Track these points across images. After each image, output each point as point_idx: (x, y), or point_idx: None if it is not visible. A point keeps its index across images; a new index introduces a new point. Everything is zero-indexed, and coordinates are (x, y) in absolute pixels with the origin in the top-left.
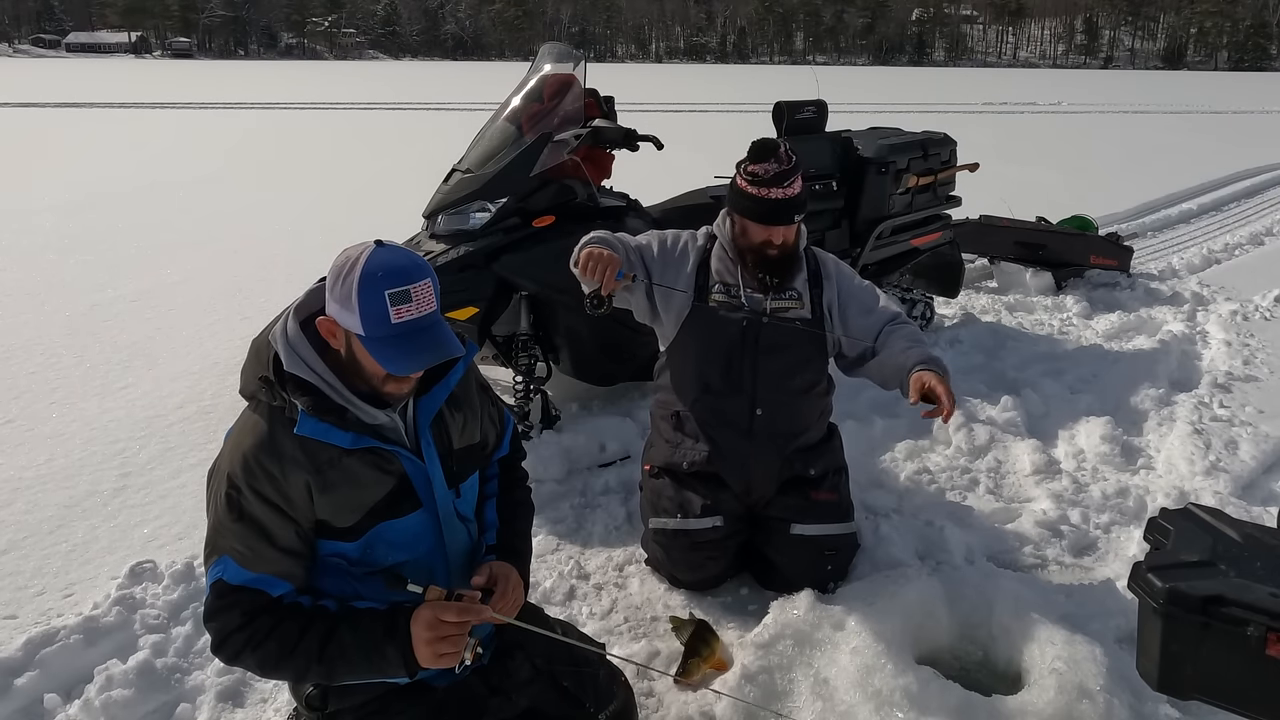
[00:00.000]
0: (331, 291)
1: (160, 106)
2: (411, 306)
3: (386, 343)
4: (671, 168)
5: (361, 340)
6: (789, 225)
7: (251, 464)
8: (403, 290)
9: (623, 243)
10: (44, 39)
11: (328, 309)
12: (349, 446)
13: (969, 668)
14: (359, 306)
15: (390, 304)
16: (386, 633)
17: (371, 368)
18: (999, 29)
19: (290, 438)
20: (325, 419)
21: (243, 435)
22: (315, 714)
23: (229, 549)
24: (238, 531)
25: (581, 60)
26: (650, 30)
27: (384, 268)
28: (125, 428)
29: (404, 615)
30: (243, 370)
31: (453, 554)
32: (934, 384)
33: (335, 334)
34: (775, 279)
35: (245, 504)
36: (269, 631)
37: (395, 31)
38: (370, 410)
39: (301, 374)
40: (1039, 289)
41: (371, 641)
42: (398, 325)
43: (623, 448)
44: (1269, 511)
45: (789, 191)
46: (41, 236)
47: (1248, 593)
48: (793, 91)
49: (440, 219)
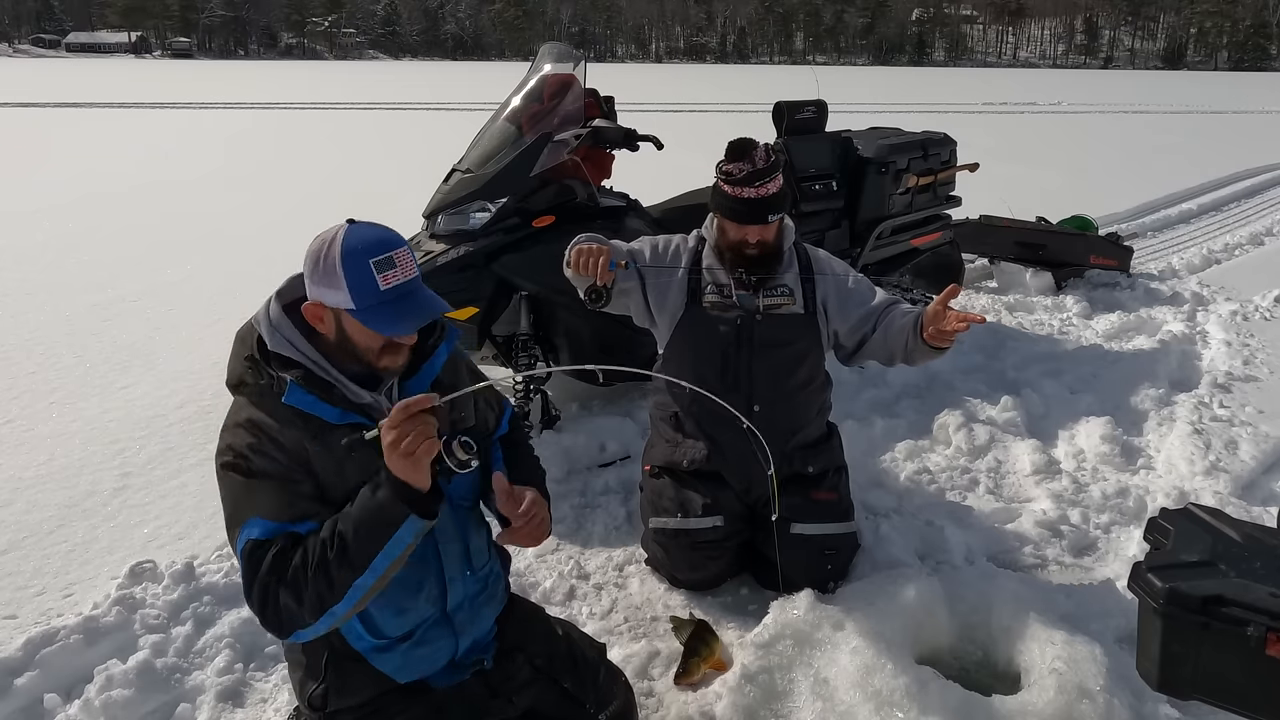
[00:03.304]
0: (313, 276)
1: (160, 106)
2: (397, 272)
3: (379, 310)
4: (671, 168)
5: (353, 314)
6: (763, 225)
7: (248, 430)
8: (386, 258)
9: (615, 245)
10: (44, 39)
11: (311, 294)
12: (336, 421)
13: (969, 668)
14: (346, 280)
15: (376, 272)
16: (373, 489)
17: (366, 341)
18: (999, 29)
19: (281, 407)
20: (312, 391)
21: (235, 414)
22: (317, 714)
23: (250, 511)
24: (253, 490)
25: (581, 60)
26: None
27: (362, 241)
28: (125, 428)
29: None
30: (229, 362)
31: (443, 539)
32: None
33: (322, 318)
34: (753, 277)
35: (252, 464)
36: (294, 559)
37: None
38: (357, 390)
39: (286, 353)
40: (1039, 289)
41: (365, 504)
42: (387, 291)
43: (623, 448)
44: (1269, 511)
45: (762, 191)
46: (41, 236)
47: (1248, 593)
48: (793, 91)
49: (440, 219)
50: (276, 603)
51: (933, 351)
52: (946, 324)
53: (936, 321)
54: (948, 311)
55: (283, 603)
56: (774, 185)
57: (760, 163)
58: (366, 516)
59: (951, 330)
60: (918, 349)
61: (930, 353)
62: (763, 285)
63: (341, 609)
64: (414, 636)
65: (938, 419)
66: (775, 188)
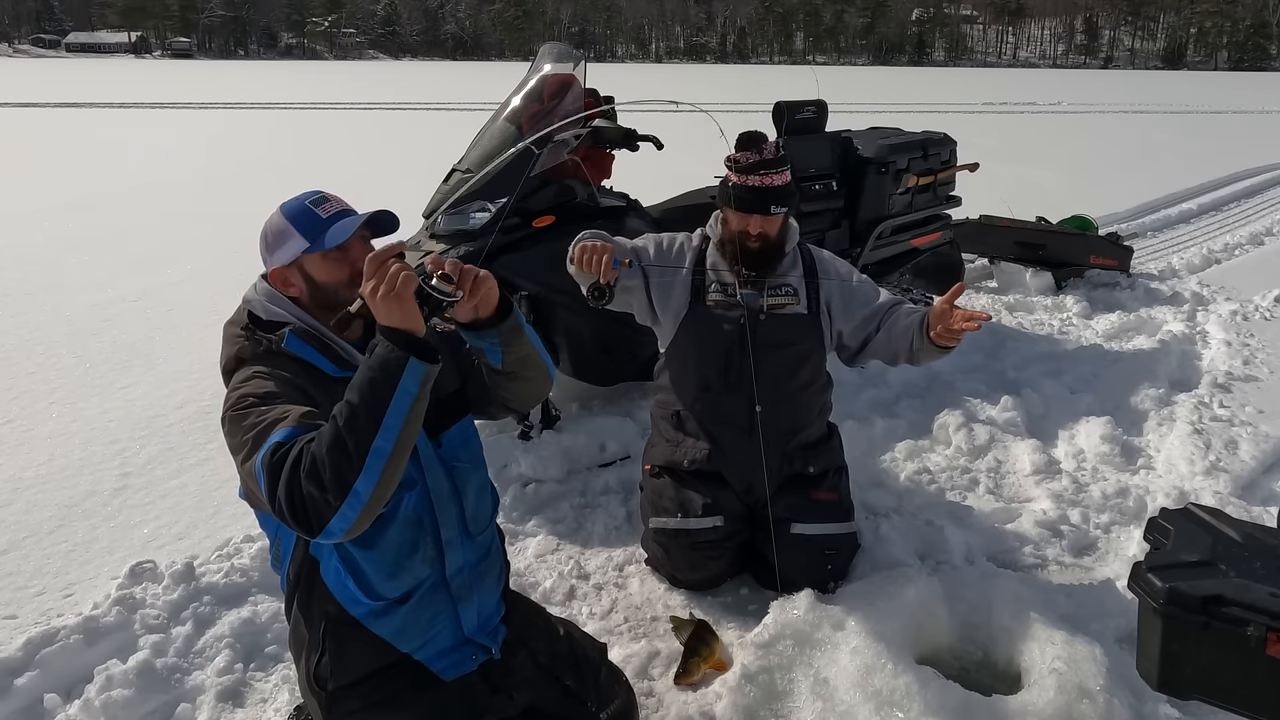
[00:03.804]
0: (268, 248)
1: (160, 106)
2: (332, 204)
3: (327, 231)
4: (671, 168)
5: (309, 251)
6: (766, 215)
7: (259, 377)
8: (320, 197)
9: (619, 242)
10: (44, 39)
11: (272, 264)
12: (334, 373)
13: (969, 668)
14: (294, 226)
15: (315, 208)
16: (370, 351)
17: (333, 275)
18: (999, 29)
19: (285, 361)
20: (309, 344)
21: (240, 378)
22: (321, 693)
23: (269, 432)
24: (270, 412)
25: (581, 60)
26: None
27: (296, 200)
28: (125, 428)
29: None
30: (222, 350)
31: (439, 500)
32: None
33: (288, 279)
34: (752, 272)
35: (266, 388)
36: (310, 447)
37: (395, 31)
38: (349, 349)
39: (279, 319)
40: (1039, 289)
41: (366, 364)
42: (329, 219)
43: (623, 448)
44: (1269, 511)
45: (767, 180)
46: (41, 236)
47: (1248, 593)
48: (793, 91)
49: (440, 219)
50: (301, 494)
51: (939, 351)
52: (954, 323)
53: (943, 320)
54: (954, 310)
55: (306, 492)
56: (780, 178)
57: (768, 154)
58: (369, 375)
59: (959, 329)
60: (923, 349)
61: (936, 352)
62: (766, 284)
63: (364, 485)
64: (412, 599)
65: (938, 419)
66: (781, 180)
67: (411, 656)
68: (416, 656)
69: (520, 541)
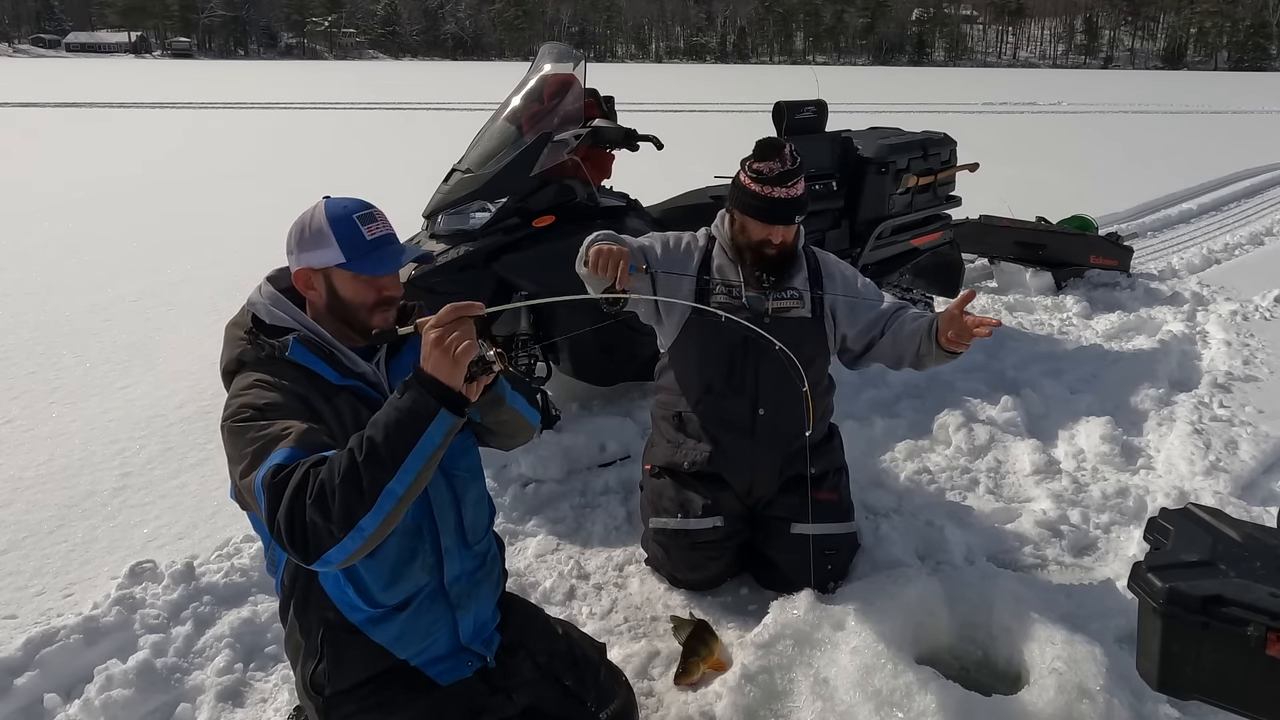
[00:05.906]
0: (300, 244)
1: (160, 106)
2: (379, 225)
3: (368, 256)
4: (671, 168)
5: (344, 266)
6: (789, 225)
7: (260, 387)
8: (367, 213)
9: (626, 242)
10: (44, 39)
11: (299, 263)
12: (336, 381)
13: (969, 668)
14: (335, 237)
15: (361, 225)
16: (400, 391)
17: (359, 296)
18: (999, 29)
19: (287, 369)
20: (313, 352)
21: (240, 384)
22: (319, 698)
23: (271, 449)
24: (272, 428)
25: (581, 60)
26: (650, 30)
27: (343, 206)
28: (125, 428)
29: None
30: (223, 351)
31: (438, 508)
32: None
33: (313, 283)
34: (771, 278)
35: (267, 399)
36: (320, 474)
37: (395, 31)
38: (354, 357)
39: (284, 324)
40: (1039, 289)
41: (394, 404)
42: (373, 240)
43: (623, 448)
44: (1269, 511)
45: (791, 191)
46: (41, 236)
47: (1248, 593)
48: (793, 91)
49: (440, 219)
50: (303, 520)
51: (947, 356)
52: (965, 329)
53: (954, 325)
54: (965, 316)
55: (309, 519)
56: (800, 186)
57: (790, 163)
58: (396, 415)
59: (971, 334)
60: (931, 353)
61: (944, 357)
62: (776, 287)
63: (370, 523)
64: (410, 606)
65: (938, 419)
66: (802, 189)
67: (408, 663)
68: (413, 663)
69: (520, 541)
